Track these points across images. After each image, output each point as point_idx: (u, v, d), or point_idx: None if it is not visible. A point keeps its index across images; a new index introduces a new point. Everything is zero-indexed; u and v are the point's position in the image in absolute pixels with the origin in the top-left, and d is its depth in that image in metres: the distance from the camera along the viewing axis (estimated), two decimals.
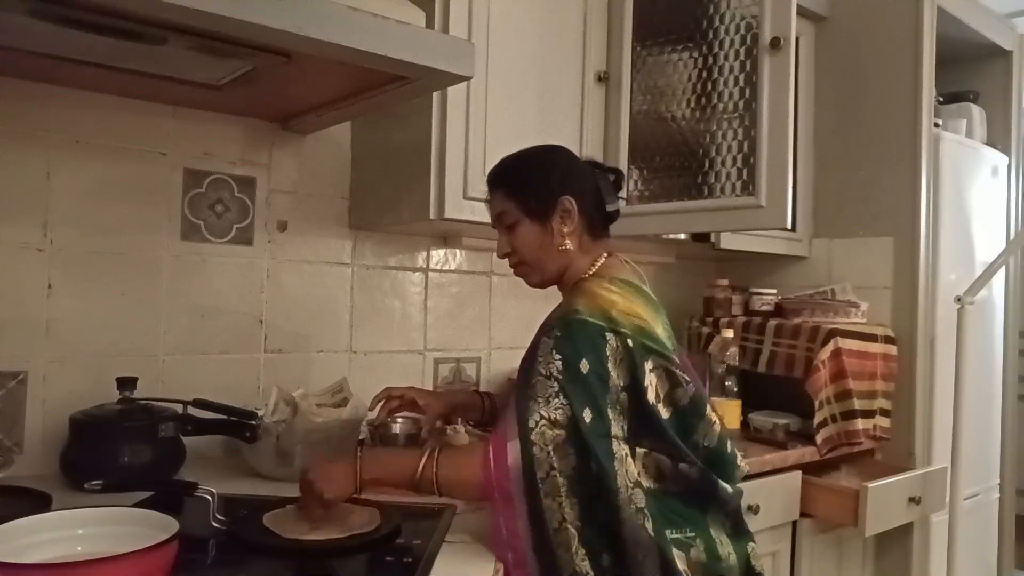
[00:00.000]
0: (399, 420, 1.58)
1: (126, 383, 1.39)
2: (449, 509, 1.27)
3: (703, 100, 1.80)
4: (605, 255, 1.29)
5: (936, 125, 2.27)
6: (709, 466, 1.14)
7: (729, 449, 1.21)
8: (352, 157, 1.83)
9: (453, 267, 2.04)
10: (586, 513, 1.05)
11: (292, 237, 1.75)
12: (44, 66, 1.29)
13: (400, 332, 1.94)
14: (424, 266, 1.99)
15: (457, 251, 2.04)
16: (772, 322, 2.17)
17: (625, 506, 1.04)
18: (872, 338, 2.12)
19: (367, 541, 1.09)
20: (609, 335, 1.11)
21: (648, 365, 1.12)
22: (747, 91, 1.71)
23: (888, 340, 2.18)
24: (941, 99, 2.49)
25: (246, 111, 1.64)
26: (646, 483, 1.09)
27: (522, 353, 2.14)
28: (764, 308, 2.29)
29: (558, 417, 1.06)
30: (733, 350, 2.08)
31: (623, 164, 1.90)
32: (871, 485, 1.86)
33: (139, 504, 1.08)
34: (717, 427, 1.19)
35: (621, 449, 1.07)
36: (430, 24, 1.50)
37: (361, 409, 1.52)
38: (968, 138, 2.50)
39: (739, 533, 1.16)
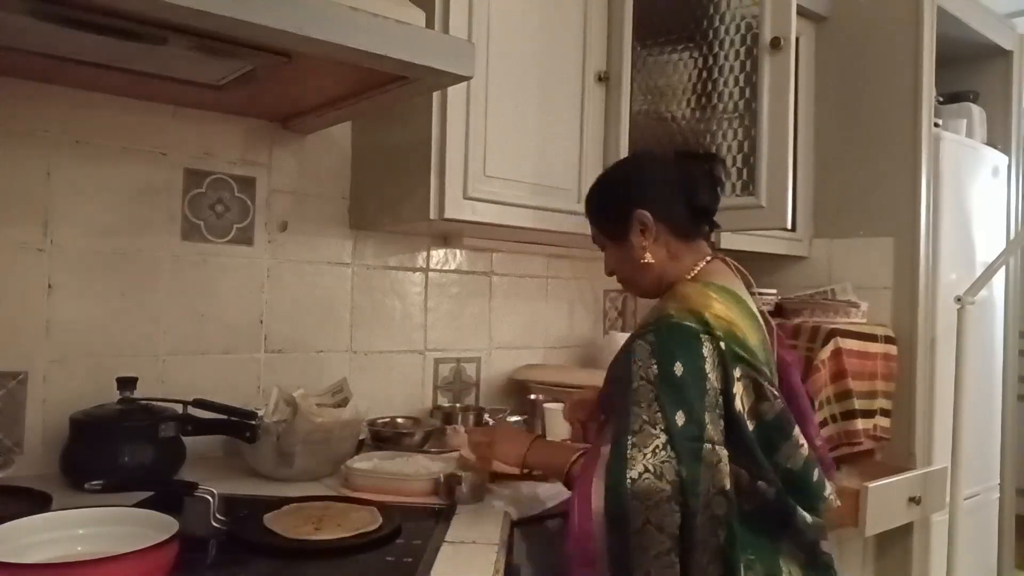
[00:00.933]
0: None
1: (126, 383, 1.39)
2: (449, 509, 1.27)
3: (703, 100, 1.80)
4: (707, 259, 1.24)
5: (936, 125, 2.27)
6: (789, 489, 1.08)
7: (816, 477, 1.13)
8: (352, 157, 1.83)
9: (453, 267, 2.04)
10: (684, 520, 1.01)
11: (292, 237, 1.75)
12: (44, 66, 1.29)
13: (400, 332, 1.94)
14: (424, 266, 1.99)
15: (457, 251, 2.04)
16: (772, 322, 2.17)
17: (700, 511, 1.01)
18: (872, 338, 2.12)
19: (367, 541, 1.09)
20: (703, 336, 1.07)
21: (736, 372, 1.08)
22: (747, 91, 1.71)
23: (888, 340, 2.18)
24: (941, 99, 2.49)
25: (246, 111, 1.64)
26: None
27: (522, 353, 2.16)
28: (764, 308, 2.29)
29: (656, 420, 1.03)
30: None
31: None
32: (871, 485, 1.86)
33: (139, 504, 1.08)
34: (804, 451, 1.12)
35: (714, 454, 1.03)
36: (430, 24, 1.49)
37: (361, 409, 1.52)
38: (968, 138, 2.50)
39: (815, 566, 1.11)
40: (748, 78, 1.71)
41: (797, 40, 2.00)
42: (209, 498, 1.09)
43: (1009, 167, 2.65)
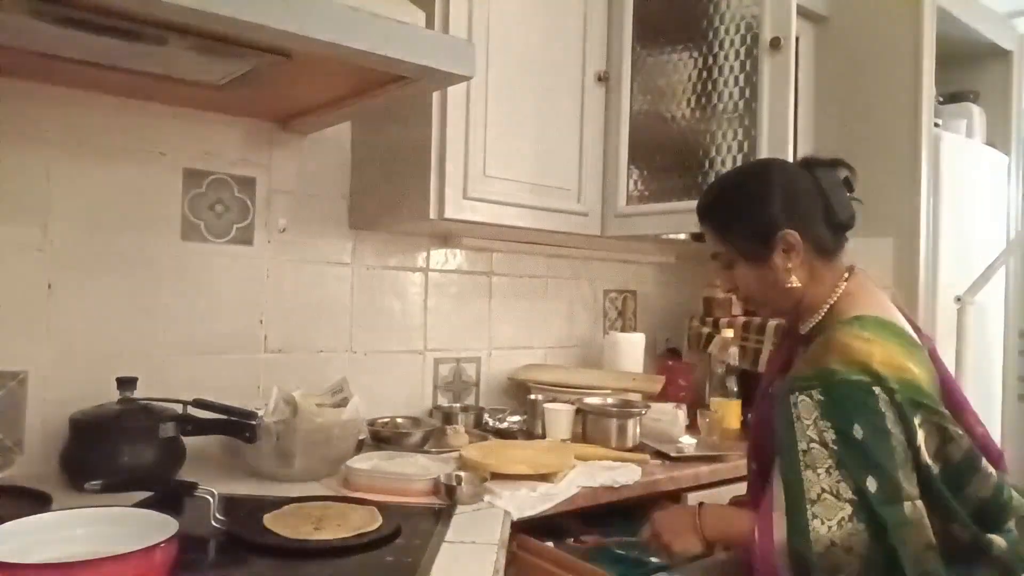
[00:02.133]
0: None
1: (126, 383, 1.39)
2: (449, 509, 1.27)
3: (703, 100, 1.80)
4: (846, 276, 1.17)
5: (936, 125, 2.27)
6: (982, 518, 1.04)
7: (1005, 496, 1.07)
8: (352, 157, 1.83)
9: (453, 267, 2.04)
10: None
11: (292, 237, 1.75)
12: (44, 66, 1.29)
13: (400, 332, 1.94)
14: (424, 266, 1.99)
15: (457, 251, 2.04)
16: (772, 322, 2.17)
17: (911, 568, 0.96)
18: None
19: (367, 541, 1.09)
20: (876, 389, 1.00)
21: (917, 420, 1.01)
22: (747, 91, 1.71)
23: None
24: (941, 99, 2.49)
25: (246, 111, 1.64)
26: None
27: (522, 353, 2.16)
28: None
29: (840, 491, 0.98)
30: (733, 350, 2.08)
31: (623, 164, 1.90)
32: None
33: (139, 504, 1.08)
34: (993, 477, 1.07)
35: (916, 511, 0.98)
36: (430, 24, 1.50)
37: (361, 409, 1.52)
38: (968, 138, 2.50)
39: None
40: (748, 78, 1.71)
41: (797, 40, 2.00)
42: (209, 498, 1.09)
43: (1009, 167, 2.65)
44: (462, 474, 1.36)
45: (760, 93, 1.67)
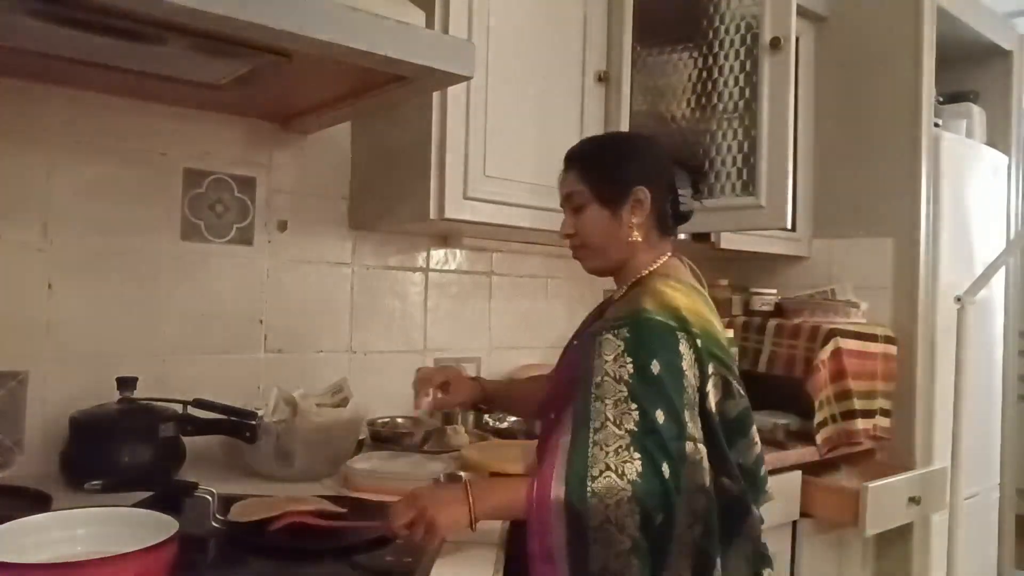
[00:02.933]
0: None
1: (126, 383, 1.39)
2: None
3: (703, 100, 1.80)
4: (668, 254, 1.26)
5: (936, 125, 2.27)
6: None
7: (762, 473, 1.18)
8: (352, 157, 1.83)
9: (453, 267, 2.04)
10: (645, 520, 1.00)
11: (292, 237, 1.75)
12: (44, 66, 1.29)
13: (400, 332, 1.94)
14: (424, 266, 1.99)
15: (457, 251, 2.04)
16: (772, 322, 2.17)
17: (680, 509, 1.02)
18: (872, 338, 2.12)
19: (367, 541, 1.09)
20: (680, 334, 1.08)
21: (710, 369, 1.10)
22: (747, 91, 1.71)
23: (888, 340, 2.18)
24: (941, 99, 2.49)
25: (246, 111, 1.64)
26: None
27: (522, 353, 2.16)
28: (764, 308, 2.29)
29: (623, 421, 1.02)
30: (733, 350, 2.08)
31: None
32: (871, 485, 1.86)
33: (139, 504, 1.07)
34: (757, 448, 1.17)
35: (697, 451, 1.05)
36: (430, 24, 1.49)
37: (361, 409, 1.52)
38: (968, 138, 2.50)
39: (760, 558, 1.13)
40: (748, 78, 1.71)
41: (797, 40, 2.00)
42: (209, 498, 1.09)
43: (1009, 167, 2.66)
44: (462, 474, 1.36)
45: (760, 93, 1.68)
